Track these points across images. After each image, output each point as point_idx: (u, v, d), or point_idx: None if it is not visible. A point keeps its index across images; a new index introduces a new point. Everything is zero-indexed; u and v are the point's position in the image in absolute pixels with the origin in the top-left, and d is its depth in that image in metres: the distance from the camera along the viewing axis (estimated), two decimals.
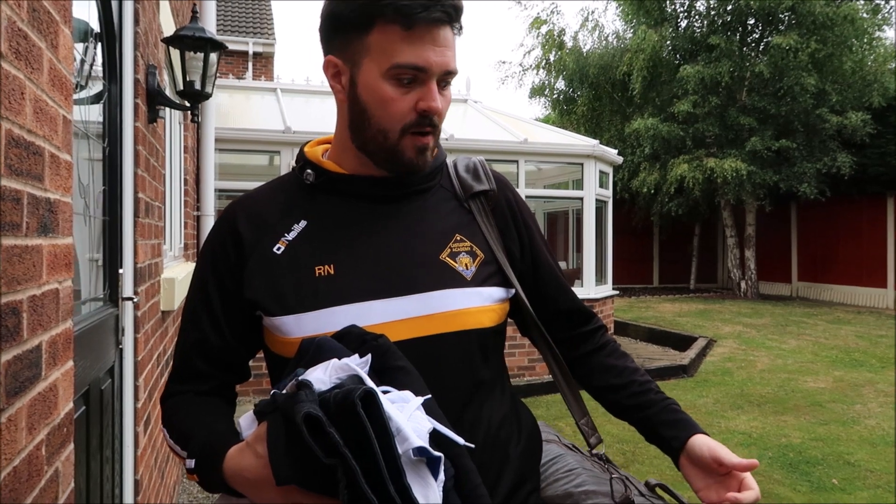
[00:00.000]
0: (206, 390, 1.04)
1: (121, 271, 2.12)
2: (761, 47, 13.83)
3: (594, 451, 1.20)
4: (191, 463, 0.92)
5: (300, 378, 0.80)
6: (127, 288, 2.16)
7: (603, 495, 1.08)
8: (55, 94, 1.10)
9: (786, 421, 5.49)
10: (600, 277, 7.79)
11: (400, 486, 0.73)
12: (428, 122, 0.98)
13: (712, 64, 13.00)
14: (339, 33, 0.99)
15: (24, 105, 0.94)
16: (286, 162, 6.22)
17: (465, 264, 1.04)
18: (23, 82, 0.94)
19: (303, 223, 1.03)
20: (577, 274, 7.66)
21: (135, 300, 2.19)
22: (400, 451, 0.74)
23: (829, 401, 6.09)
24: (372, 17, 0.95)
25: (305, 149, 1.09)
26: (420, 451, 0.76)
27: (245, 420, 0.90)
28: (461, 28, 0.98)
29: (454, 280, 1.02)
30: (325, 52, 1.03)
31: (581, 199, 7.46)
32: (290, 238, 1.02)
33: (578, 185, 7.55)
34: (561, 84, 16.79)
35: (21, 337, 0.92)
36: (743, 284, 14.61)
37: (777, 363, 7.73)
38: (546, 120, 18.41)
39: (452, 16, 0.96)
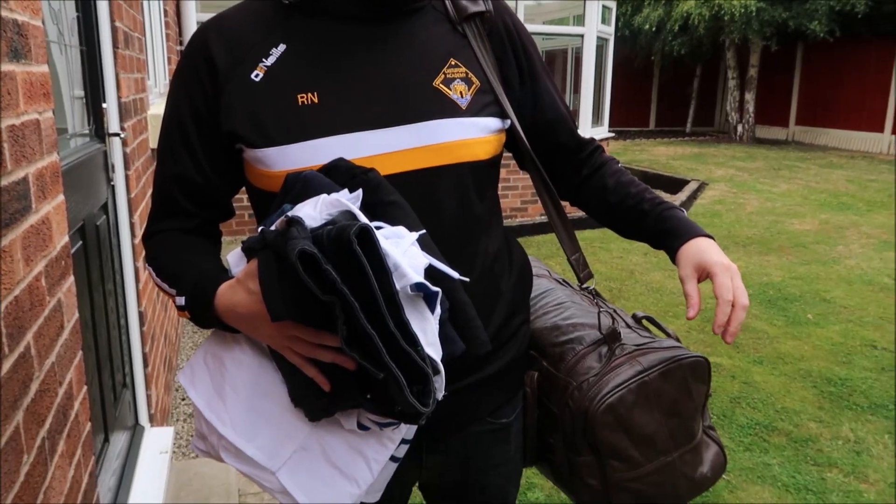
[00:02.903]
0: (190, 228, 1.00)
1: (105, 106, 2.05)
2: None
3: (584, 286, 1.23)
4: (181, 300, 0.92)
5: (290, 214, 0.78)
6: (113, 124, 2.10)
7: (590, 327, 1.10)
8: None
9: (769, 261, 5.66)
10: (597, 119, 7.65)
11: (398, 320, 0.73)
12: None
13: None
14: None
15: None
16: None
17: (461, 92, 0.97)
18: None
19: (282, 47, 0.94)
20: (573, 115, 7.52)
21: (122, 136, 2.14)
22: (398, 287, 0.74)
23: (813, 242, 6.25)
24: None
25: None
26: (418, 286, 0.76)
27: (233, 257, 0.89)
28: None
29: (449, 109, 0.96)
30: None
31: (581, 36, 7.13)
32: (268, 64, 0.93)
33: (579, 20, 7.18)
34: None
35: (5, 168, 0.89)
36: (739, 128, 14.43)
37: (766, 206, 7.84)
38: None
39: None
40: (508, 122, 1.04)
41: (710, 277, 1.01)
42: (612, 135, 8.24)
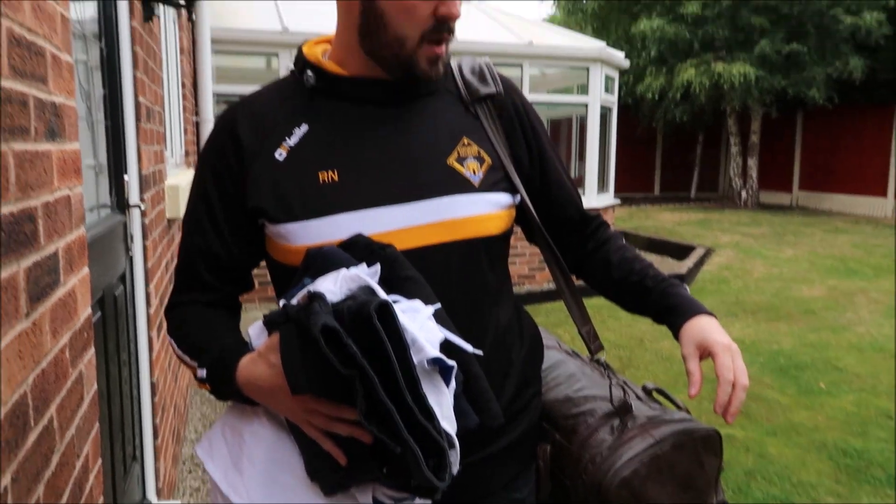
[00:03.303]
0: (211, 300, 1.04)
1: (126, 178, 2.11)
2: None
3: (595, 358, 1.24)
4: (202, 373, 0.94)
5: (311, 289, 0.81)
6: (133, 195, 2.16)
7: (602, 399, 1.11)
8: None
9: (778, 328, 5.63)
10: (602, 186, 7.75)
11: (416, 394, 0.75)
12: (446, 28, 0.95)
13: None
14: None
15: (23, 1, 0.92)
16: (284, 65, 6.06)
17: (473, 169, 1.02)
18: None
19: (304, 127, 1.00)
20: (578, 183, 7.63)
21: (142, 207, 2.20)
22: (415, 361, 0.76)
23: (822, 308, 6.22)
24: None
25: (304, 49, 1.05)
26: (434, 360, 0.78)
27: (254, 329, 0.92)
28: None
29: (462, 186, 1.00)
30: None
31: (585, 105, 7.32)
32: (291, 143, 0.99)
33: (583, 89, 7.38)
34: None
35: (39, 244, 0.93)
36: (744, 193, 14.57)
37: (773, 272, 7.83)
38: (552, 20, 17.82)
39: None
40: (518, 197, 1.09)
41: (712, 357, 1.02)
42: (618, 201, 8.33)
